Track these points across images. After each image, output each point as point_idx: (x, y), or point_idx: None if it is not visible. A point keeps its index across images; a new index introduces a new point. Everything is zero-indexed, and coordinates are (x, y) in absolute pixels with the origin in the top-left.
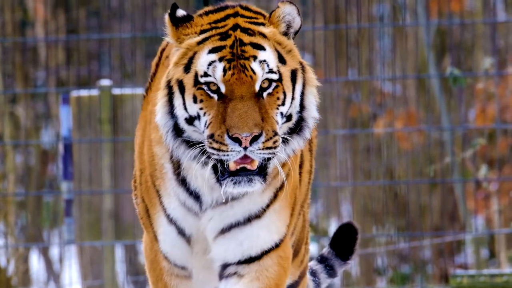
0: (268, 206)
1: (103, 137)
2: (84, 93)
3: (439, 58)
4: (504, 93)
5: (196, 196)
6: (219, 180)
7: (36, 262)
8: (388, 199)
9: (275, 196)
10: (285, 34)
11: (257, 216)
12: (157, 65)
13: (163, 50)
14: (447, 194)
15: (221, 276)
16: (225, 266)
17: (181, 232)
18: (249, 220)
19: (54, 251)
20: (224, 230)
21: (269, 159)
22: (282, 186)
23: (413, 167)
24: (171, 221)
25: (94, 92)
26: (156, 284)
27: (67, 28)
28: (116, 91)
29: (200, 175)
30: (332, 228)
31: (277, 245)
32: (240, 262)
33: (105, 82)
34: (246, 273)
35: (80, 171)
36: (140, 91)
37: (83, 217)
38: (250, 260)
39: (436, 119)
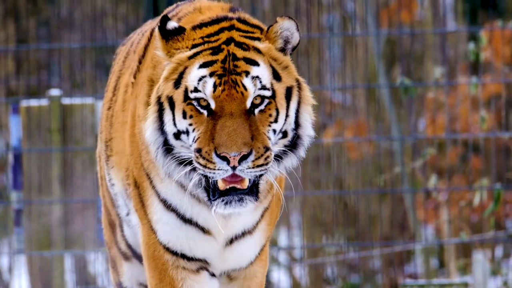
0: (258, 222)
1: (53, 147)
2: (34, 102)
3: (389, 68)
4: (454, 103)
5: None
6: (210, 200)
7: None
8: (338, 208)
9: (262, 215)
10: (282, 50)
11: (249, 231)
12: (145, 48)
13: (151, 34)
14: (397, 204)
15: (212, 275)
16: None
17: (187, 220)
18: (242, 235)
19: (4, 261)
20: (228, 243)
21: (261, 175)
22: (268, 206)
23: (363, 177)
24: (168, 207)
25: (44, 102)
26: (160, 283)
27: (17, 37)
28: (66, 100)
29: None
30: (282, 237)
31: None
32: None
33: (55, 91)
34: (234, 277)
35: (30, 181)
36: (89, 100)
37: (32, 227)
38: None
39: (386, 129)
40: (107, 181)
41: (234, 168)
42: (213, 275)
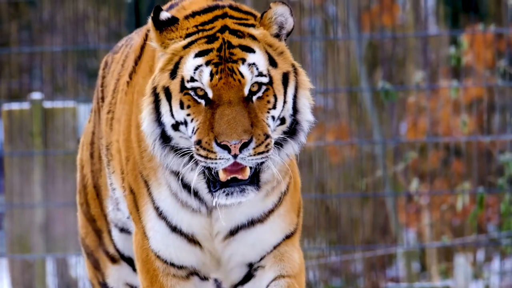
0: (273, 209)
1: (34, 150)
2: (15, 106)
3: (371, 72)
4: (435, 107)
5: (195, 193)
6: (211, 191)
7: None
8: (320, 212)
9: (280, 200)
10: (277, 35)
11: (260, 220)
12: (142, 48)
13: (147, 34)
14: (379, 207)
15: (250, 275)
16: (250, 265)
17: (174, 228)
18: (251, 224)
19: None
20: (233, 232)
21: (262, 163)
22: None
23: (345, 180)
24: (160, 214)
25: (25, 106)
26: (151, 286)
27: None
28: (47, 104)
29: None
30: None
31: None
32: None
33: (36, 95)
34: (269, 262)
35: (12, 184)
36: (71, 104)
37: (14, 230)
38: (267, 252)
39: (368, 133)
40: (108, 185)
41: (235, 156)
42: (204, 278)
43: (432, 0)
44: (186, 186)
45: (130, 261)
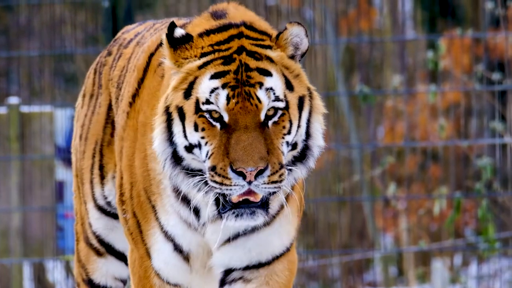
0: (278, 212)
1: (11, 155)
2: None
3: (348, 76)
4: (412, 111)
5: (196, 211)
6: (220, 213)
7: None
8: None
9: (286, 200)
10: (292, 57)
11: (266, 223)
12: (145, 70)
13: (152, 54)
14: (356, 212)
15: (224, 282)
16: (228, 271)
17: (177, 248)
18: (256, 228)
19: None
20: (231, 239)
21: (274, 193)
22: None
23: (322, 185)
24: (168, 238)
25: (2, 110)
26: None
27: None
28: (25, 108)
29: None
30: None
31: (288, 249)
32: (247, 268)
33: (14, 100)
34: (254, 278)
35: None
36: (48, 109)
37: None
38: (259, 266)
39: (345, 137)
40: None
41: (249, 183)
42: None
43: (409, 4)
44: (187, 203)
45: (117, 255)
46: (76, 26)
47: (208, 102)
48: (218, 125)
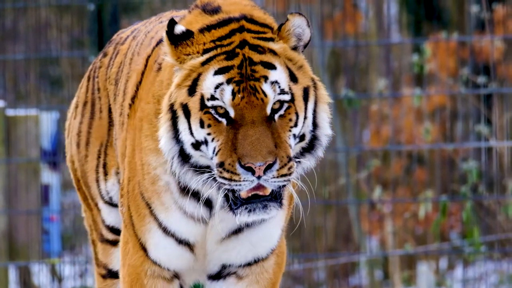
0: None
1: None
2: None
3: (334, 80)
4: (398, 115)
5: (207, 204)
6: (232, 209)
7: None
8: None
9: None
10: (295, 48)
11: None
12: (143, 74)
13: (149, 57)
14: (342, 215)
15: (218, 276)
16: (225, 266)
17: (182, 241)
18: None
19: None
20: (237, 231)
21: (283, 186)
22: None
23: (307, 188)
24: (168, 233)
25: None
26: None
27: None
28: (10, 112)
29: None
30: None
31: (277, 242)
32: (244, 265)
33: None
34: (245, 275)
35: None
36: (34, 112)
37: None
38: (254, 262)
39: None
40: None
41: (259, 177)
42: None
43: (394, 8)
44: (196, 198)
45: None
46: (61, 30)
47: (213, 98)
48: (224, 120)
